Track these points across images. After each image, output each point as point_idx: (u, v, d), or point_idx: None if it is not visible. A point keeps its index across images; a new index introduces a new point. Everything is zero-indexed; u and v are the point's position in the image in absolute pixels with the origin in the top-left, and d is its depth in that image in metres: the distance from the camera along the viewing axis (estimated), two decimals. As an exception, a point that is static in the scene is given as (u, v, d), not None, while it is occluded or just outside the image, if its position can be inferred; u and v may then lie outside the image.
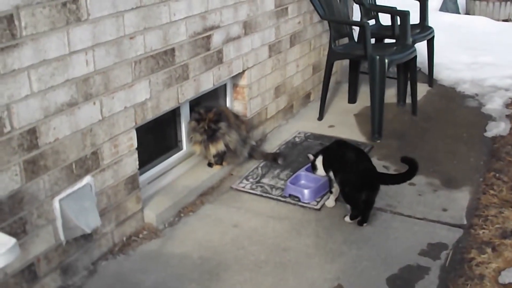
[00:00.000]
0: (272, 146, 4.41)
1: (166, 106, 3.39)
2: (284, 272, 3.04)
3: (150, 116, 3.27)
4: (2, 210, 2.54)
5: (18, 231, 2.64)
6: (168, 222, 3.45)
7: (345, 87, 5.42)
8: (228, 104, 4.24)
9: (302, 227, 3.42)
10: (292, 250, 3.22)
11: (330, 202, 3.62)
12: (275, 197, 3.72)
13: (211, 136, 3.69)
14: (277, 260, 3.14)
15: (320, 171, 3.55)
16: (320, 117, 4.89)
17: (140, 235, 3.33)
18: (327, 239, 3.30)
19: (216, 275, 3.02)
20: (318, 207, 3.60)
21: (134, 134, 3.17)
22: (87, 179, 2.93)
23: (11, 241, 1.66)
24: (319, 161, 3.54)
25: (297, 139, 4.52)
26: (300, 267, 3.07)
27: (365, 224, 3.41)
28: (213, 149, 3.76)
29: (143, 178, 3.52)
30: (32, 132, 2.58)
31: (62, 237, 2.86)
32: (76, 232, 2.89)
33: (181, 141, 3.94)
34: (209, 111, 3.67)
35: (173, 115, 3.83)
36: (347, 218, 3.44)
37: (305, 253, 3.19)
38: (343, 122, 4.83)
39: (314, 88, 5.20)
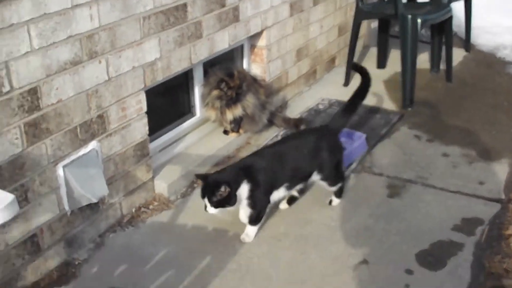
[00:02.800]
0: (293, 113, 4.37)
1: (178, 67, 3.35)
2: (305, 246, 3.02)
3: (160, 77, 3.24)
4: (2, 176, 2.53)
5: (20, 199, 2.63)
6: (180, 193, 3.44)
7: (373, 52, 5.34)
8: (245, 66, 4.19)
9: (325, 198, 3.38)
10: (314, 223, 3.19)
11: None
12: (296, 167, 3.69)
13: (234, 101, 3.67)
14: (298, 233, 3.12)
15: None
16: (346, 83, 4.83)
17: (151, 206, 3.31)
18: (353, 211, 3.27)
19: (232, 247, 3.01)
20: (343, 177, 3.56)
21: (143, 97, 3.15)
22: (92, 144, 2.91)
23: (9, 197, 1.65)
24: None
25: (320, 106, 4.47)
26: (322, 241, 3.05)
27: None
28: (229, 114, 3.72)
29: (153, 145, 3.51)
30: (33, 92, 2.56)
31: (66, 206, 2.86)
32: (81, 201, 2.88)
33: (194, 106, 3.91)
34: (231, 75, 3.64)
35: (185, 78, 3.79)
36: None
37: (328, 226, 3.16)
38: (371, 89, 4.74)
39: (339, 51, 5.13)
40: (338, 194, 3.34)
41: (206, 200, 2.86)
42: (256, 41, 4.13)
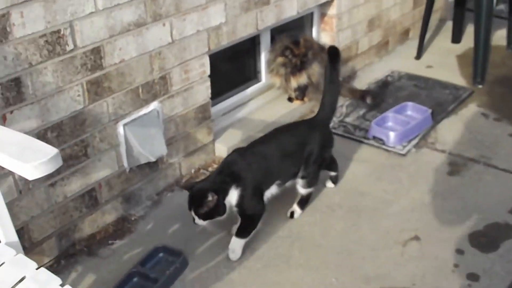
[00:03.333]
0: (361, 84, 4.29)
1: (244, 32, 3.34)
2: (358, 218, 2.99)
3: (225, 42, 3.23)
4: (63, 131, 2.60)
5: (79, 154, 2.71)
6: (239, 157, 3.45)
7: (449, 25, 5.16)
8: (314, 35, 4.14)
9: (383, 172, 3.33)
10: (369, 195, 3.15)
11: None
12: (357, 138, 3.64)
13: (299, 68, 3.64)
14: (352, 204, 3.09)
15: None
16: (418, 56, 4.70)
17: (210, 168, 3.34)
18: (410, 187, 3.21)
19: (284, 215, 3.01)
20: (403, 152, 3.49)
21: (207, 60, 3.15)
22: (154, 104, 2.95)
23: (53, 151, 1.70)
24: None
25: (389, 78, 4.38)
26: (375, 214, 3.01)
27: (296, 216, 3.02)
28: (294, 82, 3.70)
29: (216, 109, 3.53)
30: (97, 52, 2.61)
31: (125, 164, 2.92)
32: (140, 159, 2.93)
33: (260, 72, 3.90)
34: (296, 43, 3.61)
35: (252, 44, 3.78)
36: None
37: (383, 199, 3.12)
38: (443, 63, 4.62)
39: (414, 24, 4.99)
40: (304, 202, 3.02)
41: (193, 212, 2.63)
42: (326, 10, 4.06)
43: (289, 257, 2.77)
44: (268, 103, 3.84)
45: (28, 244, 2.63)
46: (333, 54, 2.99)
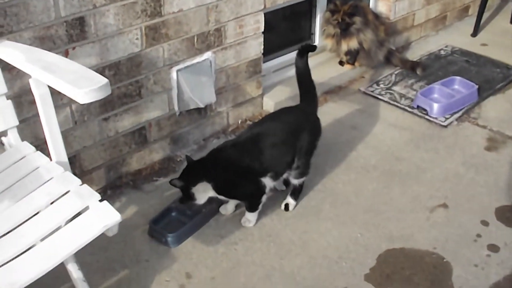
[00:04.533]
0: (414, 55, 4.30)
1: (301, -7, 3.40)
2: (390, 181, 3.05)
3: (281, 1, 3.29)
4: (120, 70, 2.73)
5: (133, 94, 2.84)
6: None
7: (510, 6, 5.08)
8: (371, 3, 4.15)
9: (422, 140, 3.37)
10: (405, 161, 3.20)
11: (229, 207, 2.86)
12: (402, 106, 3.67)
13: (344, 30, 3.66)
14: (387, 168, 3.15)
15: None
16: (474, 34, 4.65)
17: (256, 120, 3.43)
18: (446, 157, 3.24)
19: (322, 170, 3.10)
20: (445, 123, 3.51)
21: (261, 18, 3.22)
22: (207, 54, 3.05)
23: (103, 80, 1.83)
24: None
25: (442, 52, 4.36)
26: (408, 179, 3.07)
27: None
28: (344, 45, 3.73)
29: (269, 65, 3.60)
30: (157, 0, 2.71)
31: (176, 107, 3.04)
32: (190, 104, 3.05)
33: (314, 34, 3.95)
34: (345, 3, 3.63)
35: (309, 6, 3.83)
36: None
37: (418, 166, 3.17)
38: (498, 43, 4.56)
39: (475, 1, 4.92)
40: (297, 193, 2.88)
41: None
42: (385, -21, 4.07)
43: (319, 210, 2.86)
44: (319, 64, 3.88)
45: (79, 171, 2.79)
46: (305, 50, 2.88)
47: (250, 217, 2.76)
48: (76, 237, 1.85)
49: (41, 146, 2.26)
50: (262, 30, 3.26)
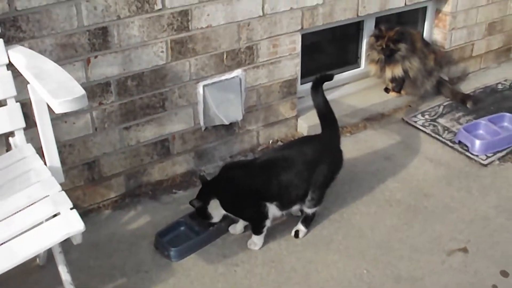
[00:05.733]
0: (468, 87, 4.10)
1: (341, 16, 3.29)
2: (412, 217, 2.91)
3: (320, 22, 3.21)
4: (144, 81, 2.73)
5: (157, 105, 2.83)
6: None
7: None
8: (426, 31, 3.99)
9: (456, 178, 3.20)
10: (433, 198, 3.04)
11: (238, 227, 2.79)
12: (443, 140, 3.50)
13: (389, 56, 3.53)
14: (412, 203, 3.00)
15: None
16: (540, 68, 4.41)
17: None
18: (478, 198, 3.06)
19: (342, 199, 3.00)
20: (485, 162, 3.31)
21: (298, 38, 3.15)
22: (237, 72, 3.01)
23: (80, 92, 1.86)
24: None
25: (499, 86, 4.14)
26: (431, 217, 2.91)
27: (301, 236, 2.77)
28: (388, 72, 3.60)
29: (308, 86, 3.51)
30: (184, 15, 2.70)
31: (201, 122, 3.01)
32: (215, 120, 3.02)
33: (360, 58, 3.83)
34: (390, 29, 3.49)
35: (356, 29, 3.72)
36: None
37: (445, 205, 3.00)
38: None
39: (544, 35, 4.67)
40: (309, 221, 2.77)
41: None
42: (441, 6, 3.88)
43: (331, 240, 2.76)
44: (363, 89, 3.77)
45: (98, 176, 2.81)
46: (319, 81, 2.80)
47: (255, 240, 2.69)
48: (39, 240, 1.89)
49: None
50: (299, 50, 3.19)
